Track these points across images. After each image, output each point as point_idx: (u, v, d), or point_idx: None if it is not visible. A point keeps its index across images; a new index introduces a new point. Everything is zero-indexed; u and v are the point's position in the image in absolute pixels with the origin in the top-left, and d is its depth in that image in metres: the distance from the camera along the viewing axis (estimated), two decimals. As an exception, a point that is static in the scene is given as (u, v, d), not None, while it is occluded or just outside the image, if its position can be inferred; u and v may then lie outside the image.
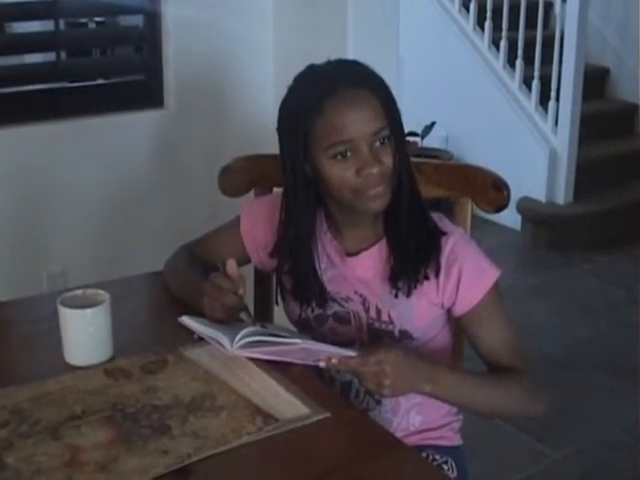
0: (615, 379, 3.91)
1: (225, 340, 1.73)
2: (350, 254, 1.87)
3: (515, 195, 2.07)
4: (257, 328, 1.73)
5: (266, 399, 1.64)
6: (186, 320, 1.84)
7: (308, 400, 1.63)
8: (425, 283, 1.79)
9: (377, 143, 1.71)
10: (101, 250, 3.34)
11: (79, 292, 1.82)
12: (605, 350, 4.22)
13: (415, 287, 1.79)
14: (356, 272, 1.86)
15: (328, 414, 1.60)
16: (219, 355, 1.78)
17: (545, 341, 4.23)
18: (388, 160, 1.72)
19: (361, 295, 1.86)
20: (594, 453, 3.38)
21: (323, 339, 1.87)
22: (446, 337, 1.94)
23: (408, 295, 1.80)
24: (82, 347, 1.78)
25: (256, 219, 2.00)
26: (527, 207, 5.60)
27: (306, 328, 1.95)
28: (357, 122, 1.70)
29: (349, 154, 1.71)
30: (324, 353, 1.66)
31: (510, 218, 5.48)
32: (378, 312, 1.85)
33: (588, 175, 5.70)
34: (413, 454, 1.61)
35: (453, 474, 1.92)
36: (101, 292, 1.81)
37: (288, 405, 1.62)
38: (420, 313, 1.83)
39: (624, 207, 5.71)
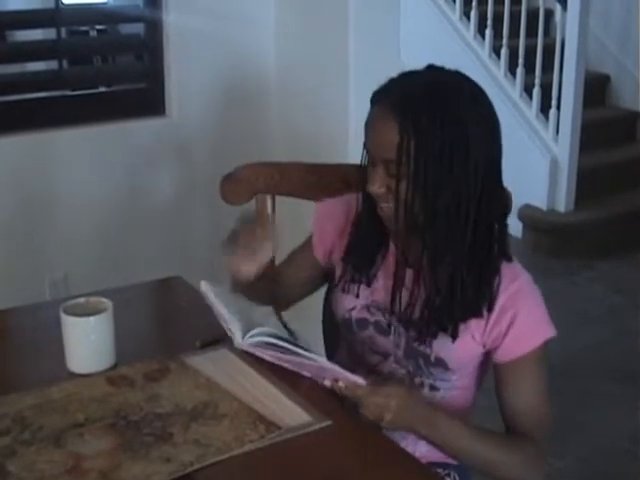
0: (617, 386, 3.91)
1: (237, 329, 1.71)
2: (407, 264, 1.82)
3: (516, 203, 2.06)
4: (275, 330, 1.70)
5: (268, 407, 1.64)
6: (205, 287, 1.80)
7: (310, 408, 1.64)
8: (473, 320, 1.75)
9: (389, 171, 1.69)
10: (103, 257, 3.35)
11: (82, 300, 1.83)
12: (607, 357, 4.21)
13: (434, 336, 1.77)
14: (405, 285, 1.82)
15: (330, 422, 1.60)
16: (221, 363, 1.79)
17: (547, 348, 4.21)
18: (393, 192, 1.69)
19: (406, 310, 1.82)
20: (595, 460, 3.38)
21: (361, 347, 1.88)
22: (471, 382, 1.89)
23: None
24: (85, 355, 1.79)
25: (327, 220, 1.98)
26: (528, 215, 5.60)
27: (348, 330, 1.92)
28: (373, 141, 1.70)
29: (371, 160, 1.72)
30: (335, 374, 1.65)
31: (511, 225, 5.40)
32: (420, 332, 1.80)
33: (589, 183, 5.69)
34: (416, 463, 1.60)
35: None
36: (104, 300, 1.81)
37: (290, 413, 1.62)
38: (460, 346, 1.77)
39: (625, 214, 5.71)
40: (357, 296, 1.87)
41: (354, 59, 3.14)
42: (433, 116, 1.64)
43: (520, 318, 1.74)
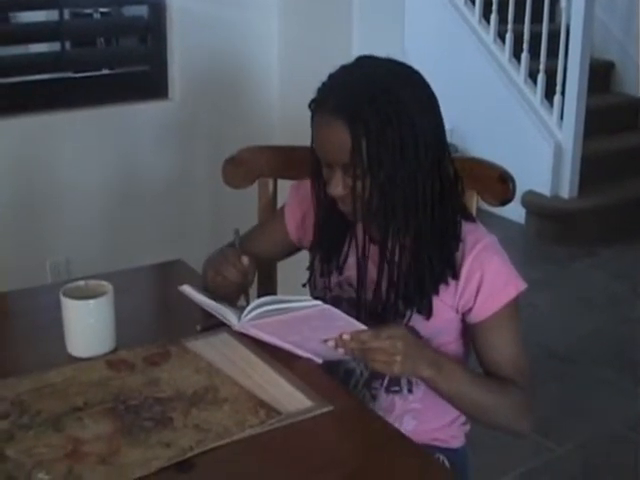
0: (618, 373, 3.91)
1: (231, 314, 1.72)
2: (373, 241, 1.84)
3: (520, 189, 2.05)
4: (268, 298, 1.71)
5: (269, 392, 1.63)
6: (187, 289, 1.83)
7: (311, 393, 1.63)
8: (441, 287, 1.78)
9: (346, 172, 1.71)
10: (105, 240, 3.34)
11: (82, 283, 1.82)
12: (608, 344, 4.21)
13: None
14: (373, 258, 1.83)
15: (331, 407, 1.59)
16: (222, 347, 1.78)
17: (548, 335, 4.22)
18: (347, 191, 1.72)
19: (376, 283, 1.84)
20: (596, 447, 3.38)
21: None
22: (458, 350, 1.90)
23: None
24: (84, 338, 1.78)
25: (301, 198, 2.01)
26: (532, 201, 5.59)
27: None
28: (326, 148, 1.72)
29: (326, 164, 1.75)
30: (338, 322, 1.64)
31: (515, 212, 5.48)
32: (385, 307, 1.83)
33: (593, 169, 5.68)
34: (415, 447, 1.60)
35: None
36: (104, 283, 1.80)
37: (291, 398, 1.62)
38: (433, 312, 1.80)
39: (628, 201, 5.70)
40: (329, 279, 1.92)
41: (357, 42, 3.13)
42: (379, 112, 1.65)
43: (488, 276, 1.76)
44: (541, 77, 5.72)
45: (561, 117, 5.64)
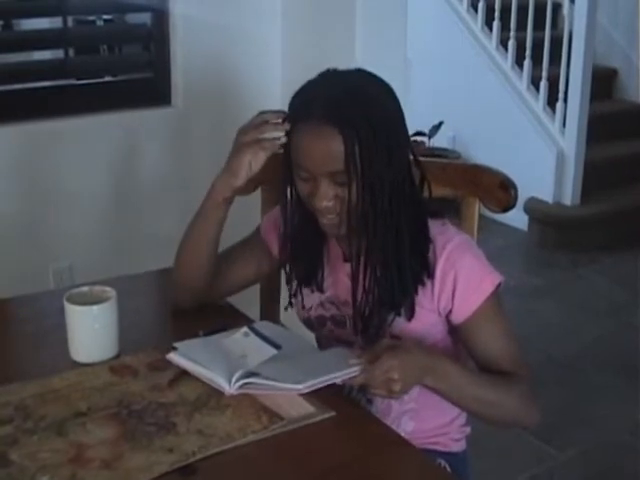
0: (620, 380, 3.90)
1: (221, 380, 1.67)
2: (347, 259, 1.85)
3: (522, 196, 2.06)
4: (254, 367, 1.69)
5: (272, 397, 1.63)
6: (173, 356, 1.77)
7: (313, 399, 1.63)
8: (419, 291, 1.78)
9: (336, 181, 1.71)
10: (108, 246, 3.35)
11: (85, 289, 1.83)
12: (611, 351, 4.21)
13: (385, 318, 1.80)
14: (348, 274, 1.83)
15: (333, 413, 1.60)
16: (225, 353, 1.78)
17: (550, 341, 4.22)
18: (341, 200, 1.72)
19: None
20: (599, 454, 3.37)
21: (327, 340, 1.93)
22: (445, 352, 1.88)
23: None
24: (88, 344, 1.79)
25: (275, 221, 2.00)
26: (534, 208, 5.59)
27: (311, 328, 1.98)
28: (316, 157, 1.70)
29: (309, 177, 1.73)
30: (328, 381, 1.64)
31: (517, 219, 5.47)
32: (371, 316, 1.83)
33: (595, 176, 5.68)
34: (417, 452, 1.61)
35: None
36: (107, 289, 1.81)
37: (294, 404, 1.62)
38: (414, 318, 1.80)
39: (631, 208, 5.70)
40: (311, 298, 1.92)
41: (361, 52, 3.13)
42: (367, 117, 1.67)
43: (462, 275, 1.76)
44: (543, 84, 5.72)
45: (563, 124, 5.64)
